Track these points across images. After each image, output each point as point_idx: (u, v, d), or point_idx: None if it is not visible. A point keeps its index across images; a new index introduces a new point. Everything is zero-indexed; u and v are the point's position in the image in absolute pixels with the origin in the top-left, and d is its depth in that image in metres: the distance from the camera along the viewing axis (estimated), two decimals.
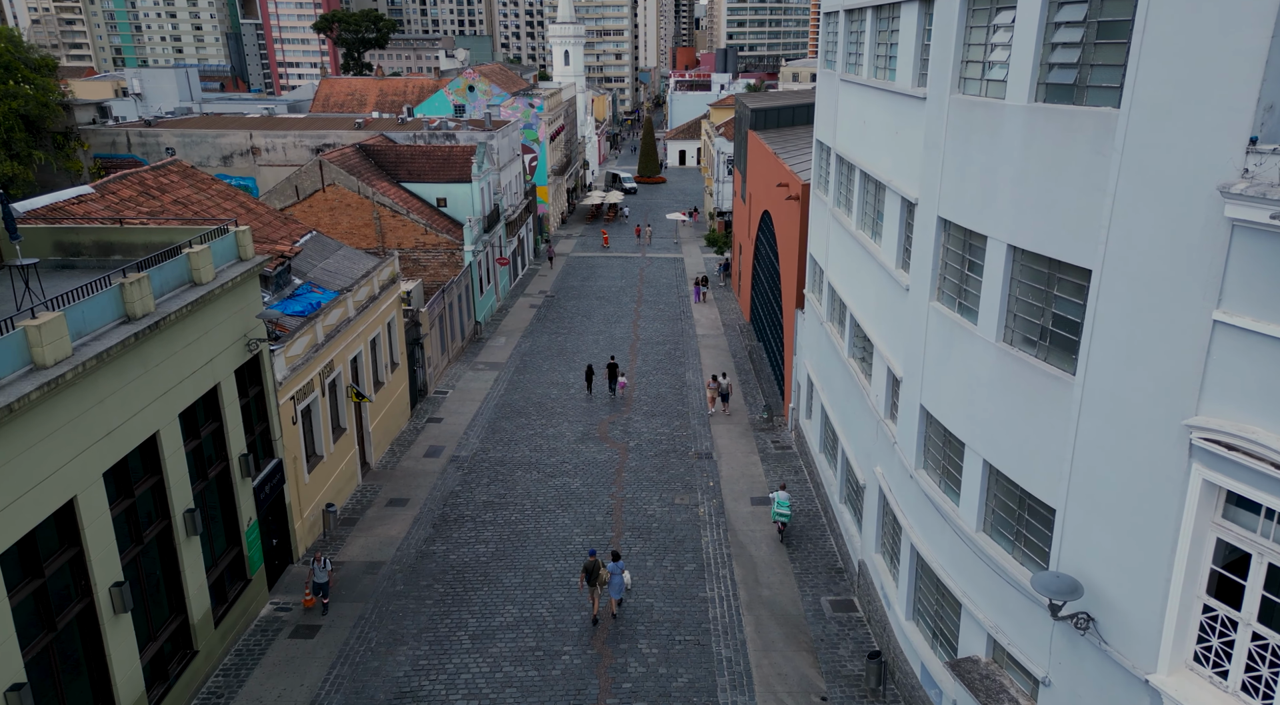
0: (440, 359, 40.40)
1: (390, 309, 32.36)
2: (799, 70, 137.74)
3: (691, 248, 73.41)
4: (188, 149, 55.36)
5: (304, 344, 24.34)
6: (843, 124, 24.28)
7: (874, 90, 20.66)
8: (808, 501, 27.68)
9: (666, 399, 37.57)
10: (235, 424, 20.29)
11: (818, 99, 28.19)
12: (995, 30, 13.96)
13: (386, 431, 31.97)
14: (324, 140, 55.75)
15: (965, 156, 14.75)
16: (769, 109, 49.19)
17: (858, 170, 22.41)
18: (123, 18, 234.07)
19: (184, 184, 30.09)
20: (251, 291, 21.22)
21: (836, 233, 25.12)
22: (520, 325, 49.89)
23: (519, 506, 27.62)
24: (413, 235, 46.06)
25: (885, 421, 19.73)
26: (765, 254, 42.70)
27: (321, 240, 32.75)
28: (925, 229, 16.57)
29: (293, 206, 45.50)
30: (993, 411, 14.19)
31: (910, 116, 17.72)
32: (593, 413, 35.90)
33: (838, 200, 25.41)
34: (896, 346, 18.80)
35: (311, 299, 27.53)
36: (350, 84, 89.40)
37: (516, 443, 32.75)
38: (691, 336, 47.39)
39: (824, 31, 27.37)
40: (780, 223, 36.41)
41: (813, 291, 29.64)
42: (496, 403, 37.03)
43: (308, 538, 24.68)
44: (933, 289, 16.36)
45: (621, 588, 21.78)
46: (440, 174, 49.62)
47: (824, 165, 27.66)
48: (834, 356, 25.65)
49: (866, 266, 21.46)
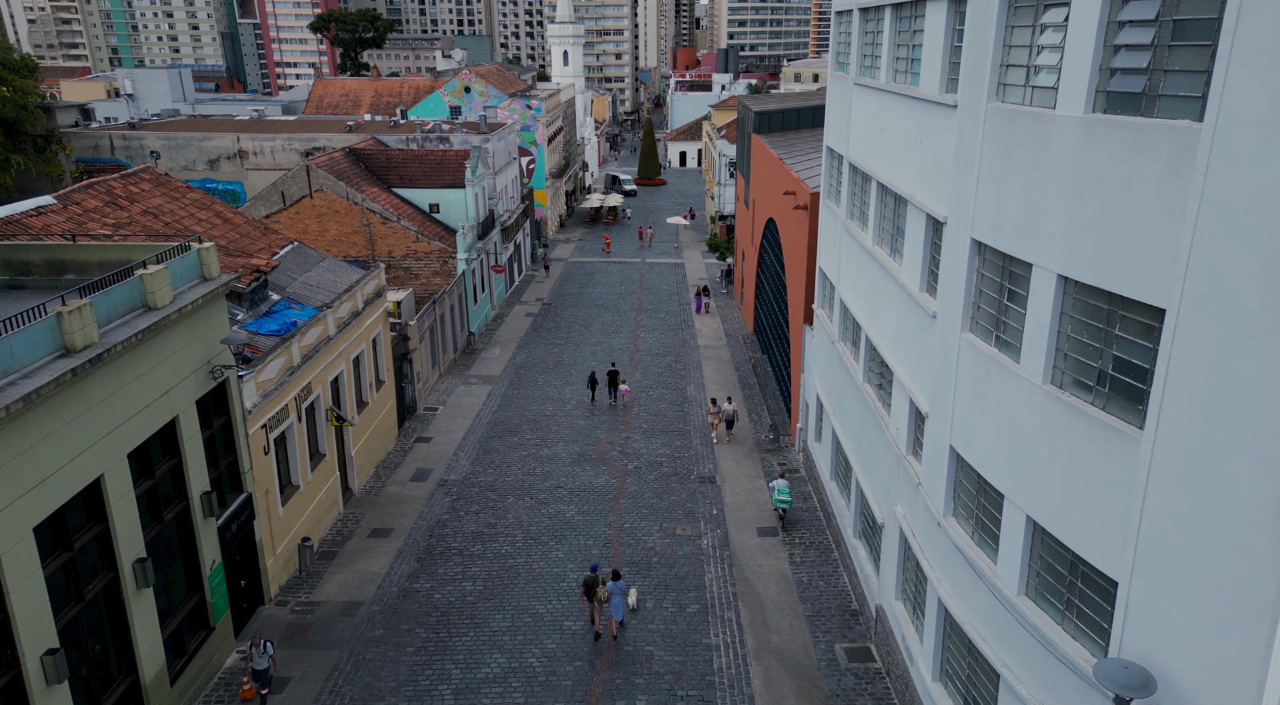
0: (430, 373, 38.71)
1: (376, 324, 30.67)
2: (801, 71, 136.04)
3: (692, 252, 71.74)
4: (173, 152, 53.69)
5: (278, 367, 22.64)
6: (857, 131, 22.58)
7: (894, 96, 18.96)
8: (818, 533, 25.97)
9: (667, 416, 35.86)
10: (196, 459, 18.59)
11: (828, 104, 26.49)
12: (1043, 30, 12.26)
13: (371, 453, 30.27)
14: (314, 143, 54.08)
15: (1006, 173, 13.05)
16: (773, 112, 47.49)
17: (874, 182, 20.71)
18: (119, 17, 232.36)
19: (155, 193, 28.39)
20: (216, 314, 19.52)
21: (850, 247, 23.42)
22: (516, 335, 48.19)
23: (510, 537, 25.91)
24: (404, 243, 44.37)
25: (907, 458, 18.03)
26: (770, 263, 41.00)
27: (303, 252, 31.05)
28: (956, 251, 14.87)
29: (279, 213, 43.82)
30: (1038, 462, 12.49)
31: (937, 126, 16.02)
32: (590, 431, 34.20)
33: (851, 212, 23.71)
34: (920, 378, 17.10)
35: (289, 317, 25.83)
36: (345, 85, 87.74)
37: (509, 465, 31.04)
38: (693, 348, 45.69)
39: (835, 32, 25.67)
40: (786, 232, 34.71)
41: (823, 307, 27.94)
42: (489, 420, 35.32)
43: (281, 575, 22.97)
44: (965, 319, 14.65)
45: (622, 608, 20.79)
46: (433, 179, 47.93)
47: (835, 174, 25.96)
48: (847, 380, 23.95)
49: (885, 287, 19.76)
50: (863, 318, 21.85)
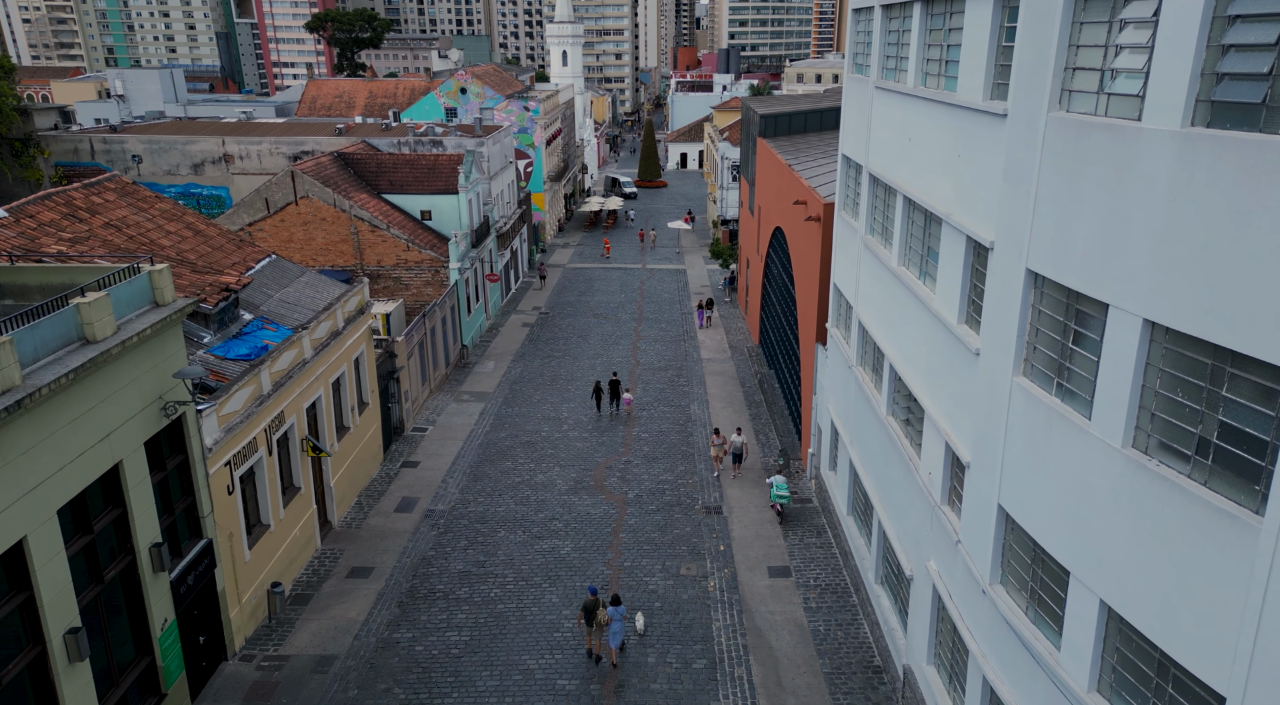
0: (420, 391, 36.74)
1: (359, 342, 28.69)
2: (804, 71, 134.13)
3: (694, 258, 69.77)
4: (155, 156, 51.73)
5: (245, 397, 20.67)
6: (879, 139, 20.61)
7: (924, 102, 16.99)
8: (834, 573, 23.99)
9: (669, 437, 33.88)
10: (145, 508, 16.63)
11: (844, 109, 24.52)
12: (1123, 27, 10.29)
13: (353, 482, 28.30)
14: (302, 147, 52.11)
15: (1073, 195, 11.08)
16: (779, 115, 45.53)
17: (900, 196, 18.74)
18: (115, 17, 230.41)
19: (120, 204, 26.44)
20: (171, 343, 17.56)
21: (870, 265, 21.45)
22: (511, 347, 46.21)
23: (499, 578, 23.93)
24: (393, 252, 42.42)
25: (942, 509, 16.05)
26: (777, 274, 39.03)
27: (281, 265, 29.07)
28: (1006, 282, 12.90)
29: (263, 220, 41.88)
30: (1117, 539, 10.52)
31: (980, 137, 14.05)
32: (588, 454, 32.22)
33: (871, 227, 21.73)
34: (959, 421, 15.12)
35: (261, 339, 23.87)
36: (338, 86, 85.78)
37: (500, 493, 29.06)
38: (696, 361, 43.71)
39: (853, 31, 23.70)
40: (796, 243, 32.74)
41: (838, 327, 25.97)
42: (480, 442, 33.34)
43: (248, 625, 20.99)
44: (1017, 360, 12.68)
45: (621, 634, 19.88)
46: (425, 185, 45.97)
47: (852, 184, 23.99)
48: (867, 409, 21.97)
49: (913, 313, 17.79)
50: (886, 344, 19.88)
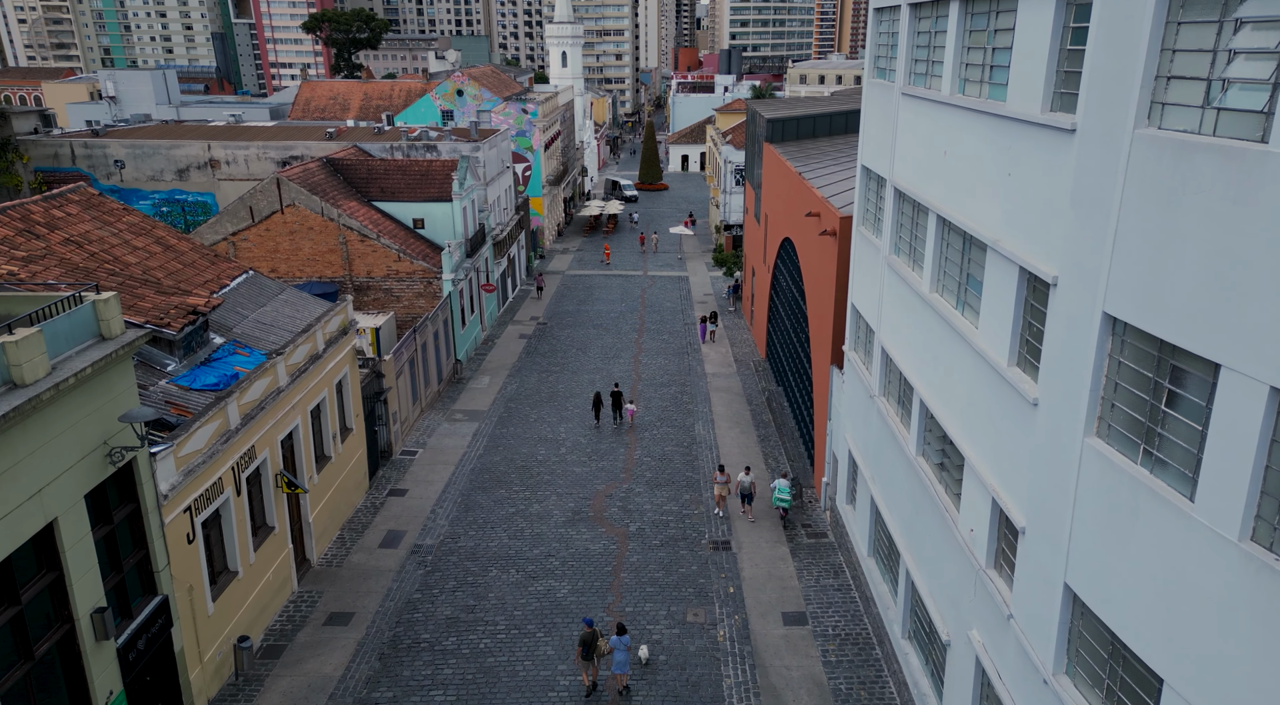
0: (410, 410, 34.86)
1: (342, 364, 26.81)
2: (807, 72, 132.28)
3: (696, 264, 67.89)
4: (138, 161, 49.87)
5: (209, 434, 18.79)
6: (906, 151, 18.74)
7: (964, 112, 15.11)
8: (854, 621, 22.10)
9: (673, 461, 32.00)
10: (85, 569, 14.75)
11: (864, 117, 22.65)
12: (1238, 28, 8.42)
13: (335, 514, 26.42)
14: (291, 152, 50.28)
15: (1169, 228, 9.20)
16: (786, 119, 43.65)
17: (932, 215, 16.87)
18: (111, 17, 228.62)
19: (84, 217, 24.56)
20: (118, 381, 15.68)
21: (896, 289, 19.57)
22: (507, 361, 44.32)
23: (490, 626, 22.05)
24: (384, 262, 40.55)
25: (987, 573, 14.17)
26: (786, 287, 37.16)
27: (259, 283, 27.19)
28: (1074, 325, 11.03)
29: (247, 230, 40.02)
30: (1231, 654, 8.65)
31: (1038, 154, 12.18)
32: (586, 481, 30.33)
33: (896, 247, 19.86)
34: (1010, 477, 13.24)
35: (232, 366, 22.00)
36: (333, 88, 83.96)
37: (493, 525, 27.19)
38: (700, 376, 41.83)
39: (874, 33, 21.83)
40: (808, 257, 30.85)
41: (856, 351, 24.09)
42: (473, 467, 31.45)
43: (211, 685, 19.11)
44: (1089, 418, 10.80)
45: (626, 664, 18.96)
46: (417, 192, 44.10)
47: (873, 198, 22.11)
48: (892, 445, 20.10)
49: (950, 348, 15.91)
50: (916, 378, 18.00)
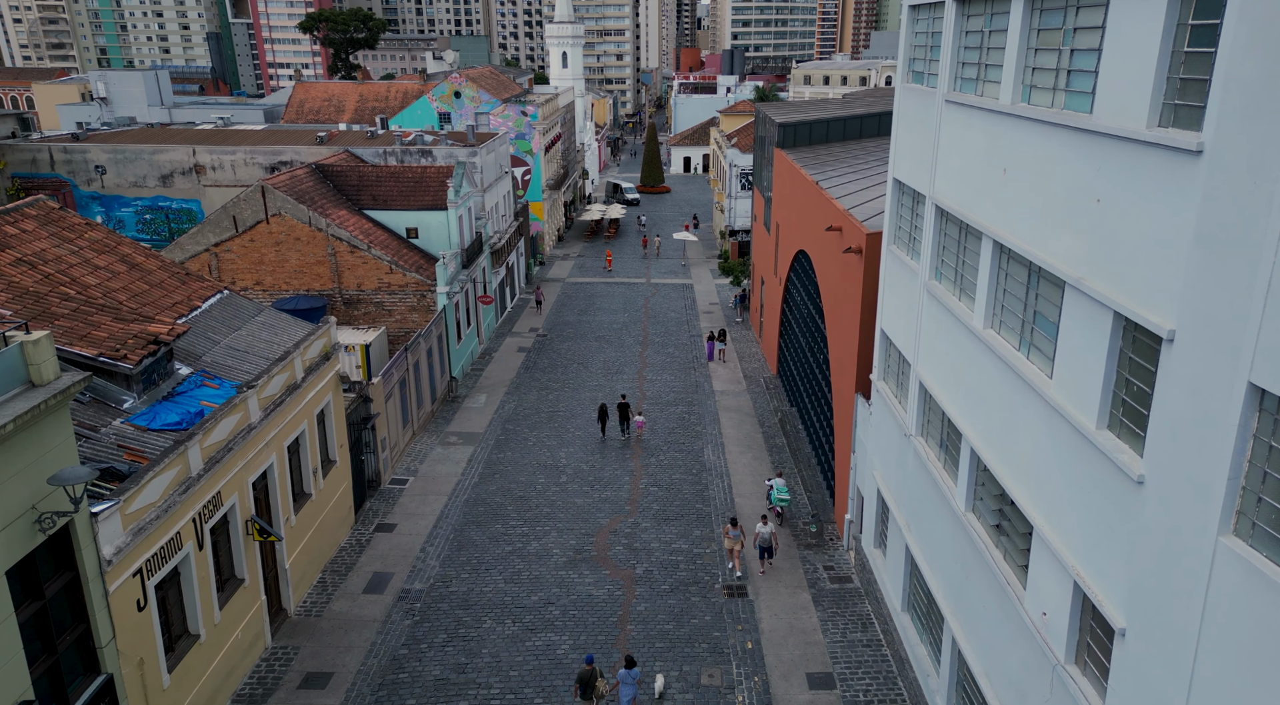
0: (400, 435, 32.73)
1: (325, 392, 24.69)
2: (811, 73, 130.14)
3: (701, 271, 65.78)
4: (120, 167, 47.75)
5: (165, 484, 16.67)
6: (951, 166, 16.62)
7: (1034, 124, 12.98)
8: (887, 684, 19.95)
9: (682, 491, 29.87)
10: (8, 657, 12.62)
11: (896, 125, 20.51)
12: None
13: (316, 555, 24.30)
14: (279, 157, 48.17)
15: None
16: (799, 123, 41.55)
17: (988, 241, 14.75)
18: (107, 17, 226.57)
19: (42, 234, 22.45)
20: (52, 434, 13.56)
21: (938, 319, 17.45)
22: (505, 377, 42.19)
23: (483, 689, 19.91)
24: (375, 275, 38.42)
25: (1066, 669, 12.03)
26: (800, 303, 35.03)
27: (234, 303, 25.05)
28: (1200, 393, 8.90)
29: (230, 240, 37.90)
30: None
31: (1142, 179, 10.04)
32: (589, 513, 28.20)
33: (938, 272, 17.74)
34: (1101, 563, 11.10)
35: (199, 400, 19.87)
36: (327, 89, 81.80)
37: (488, 567, 25.06)
38: (708, 393, 39.70)
39: (908, 32, 19.70)
40: (827, 274, 28.72)
41: (887, 381, 21.97)
42: (467, 498, 29.32)
43: None
44: (1226, 513, 8.67)
45: (632, 697, 18.24)
46: (411, 200, 41.97)
47: (908, 216, 19.99)
48: (932, 493, 17.98)
49: (1012, 394, 13.79)
50: (966, 423, 15.86)
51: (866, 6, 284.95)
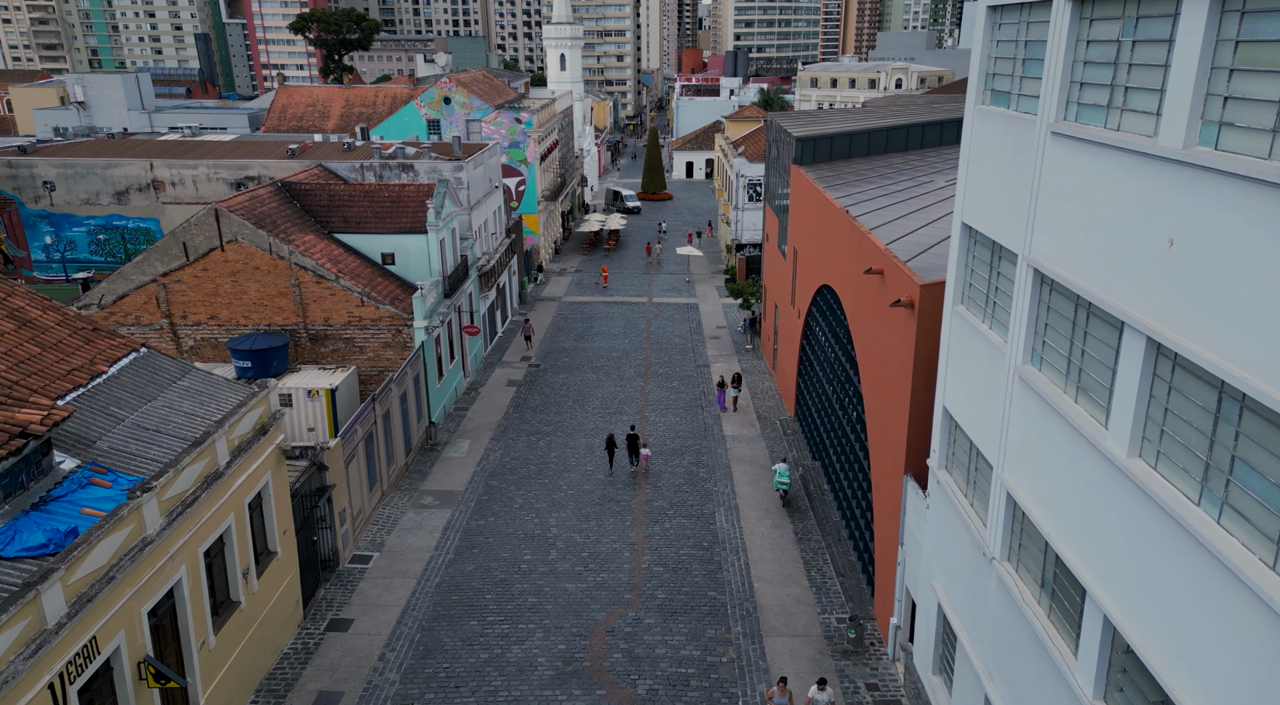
0: (367, 498, 28.44)
1: (261, 473, 20.38)
2: (818, 75, 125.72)
3: (706, 288, 61.51)
4: (71, 182, 43.50)
5: (4, 647, 12.36)
6: (1063, 220, 12.32)
7: (1230, 180, 8.67)
8: None
9: (692, 572, 25.57)
10: None
11: (970, 156, 16.20)
12: None
13: (249, 672, 19.99)
14: (246, 172, 43.92)
15: None
16: (818, 138, 37.24)
17: (1134, 335, 10.45)
18: (99, 17, 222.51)
19: None
20: None
21: (1038, 418, 13.14)
22: (492, 417, 37.90)
23: None
24: (344, 308, 34.14)
25: None
26: (827, 346, 30.73)
27: (151, 366, 20.71)
28: None
29: (180, 270, 33.62)
30: None
31: None
32: (582, 604, 23.90)
33: (1037, 356, 13.44)
34: None
35: (81, 505, 15.57)
36: (312, 94, 77.50)
37: (458, 683, 20.74)
38: (719, 439, 35.40)
39: (987, 40, 15.40)
40: (864, 322, 24.38)
41: (951, 472, 17.66)
42: (440, 581, 25.03)
43: None
44: None
45: None
46: (387, 222, 37.68)
47: (983, 270, 15.70)
48: (1031, 650, 13.65)
49: (1183, 563, 9.46)
50: (1094, 578, 11.53)
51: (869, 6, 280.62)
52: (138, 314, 34.05)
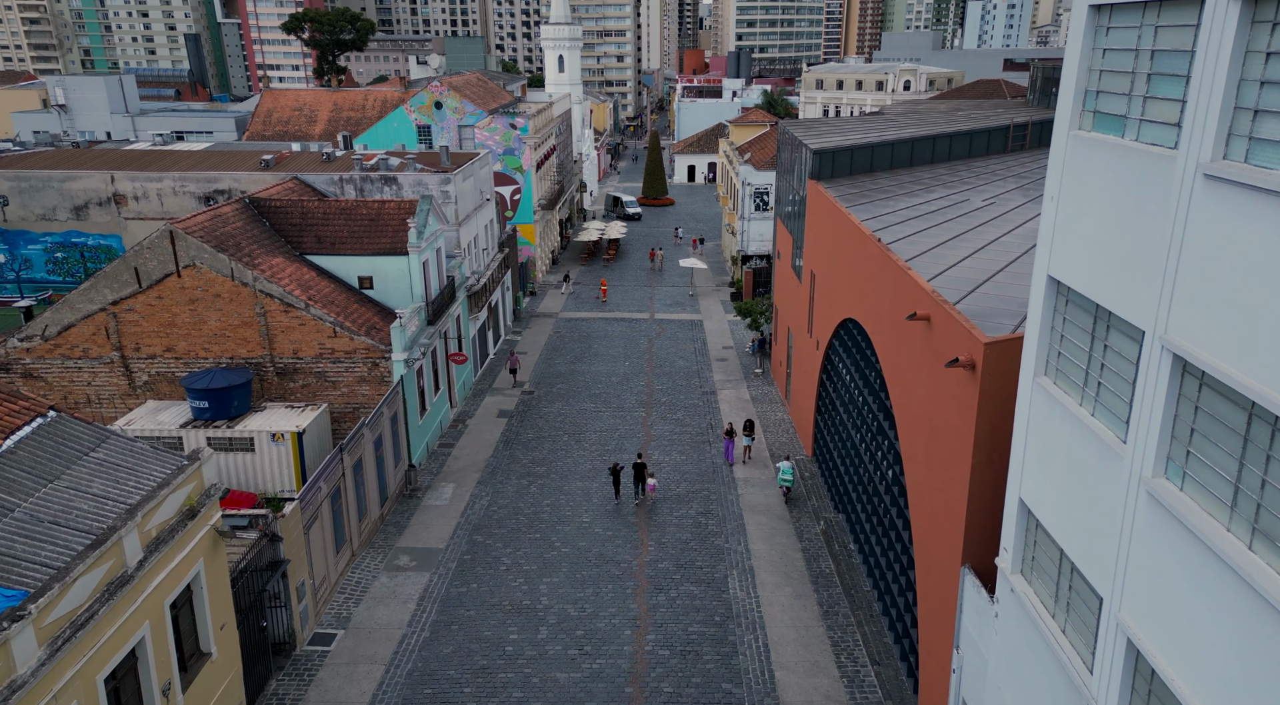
0: (333, 563, 25.08)
1: (189, 564, 17.02)
2: (824, 76, 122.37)
3: (711, 303, 58.16)
4: (27, 196, 40.15)
5: None
6: (1223, 296, 8.96)
7: None
8: None
9: (702, 655, 22.21)
10: None
11: (1058, 194, 12.81)
12: None
13: None
14: (215, 185, 40.58)
15: None
16: (838, 150, 33.87)
17: None
18: (91, 17, 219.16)
19: None
20: None
21: (1174, 545, 9.78)
22: (479, 456, 34.55)
23: None
24: (315, 339, 30.82)
25: None
26: (853, 386, 27.37)
27: (60, 434, 17.33)
28: None
29: (132, 298, 30.30)
30: None
31: None
32: (575, 700, 20.54)
33: (1181, 473, 10.07)
34: None
35: None
36: (298, 97, 74.14)
37: None
38: (729, 484, 32.06)
39: (1087, 50, 12.04)
40: (902, 371, 20.97)
41: (1030, 580, 14.28)
42: (411, 669, 21.66)
43: None
44: None
45: None
46: (364, 242, 34.32)
47: (1081, 338, 12.33)
48: None
49: None
50: None
51: (871, 6, 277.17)
52: (85, 346, 30.72)
